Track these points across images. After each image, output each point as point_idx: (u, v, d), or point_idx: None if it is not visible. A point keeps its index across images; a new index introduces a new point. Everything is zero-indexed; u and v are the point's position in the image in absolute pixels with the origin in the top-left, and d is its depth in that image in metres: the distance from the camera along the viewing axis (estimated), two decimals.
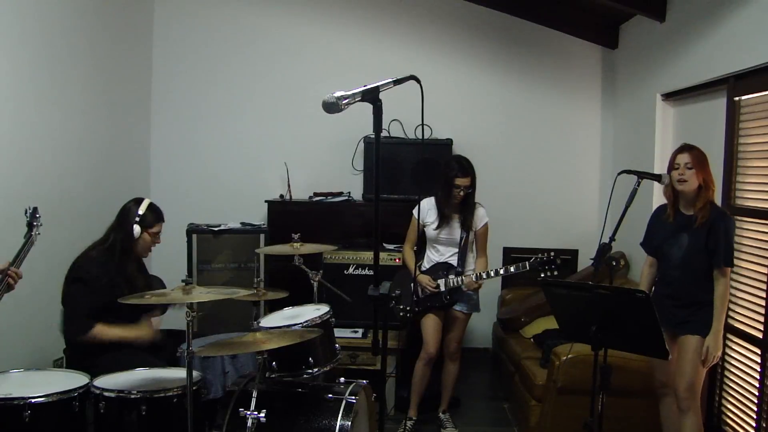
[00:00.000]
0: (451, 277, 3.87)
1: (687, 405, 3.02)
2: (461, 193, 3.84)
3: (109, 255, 3.28)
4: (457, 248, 3.92)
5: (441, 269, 3.93)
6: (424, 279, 3.90)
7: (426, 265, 4.02)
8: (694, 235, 3.04)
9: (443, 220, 3.92)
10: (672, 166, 3.10)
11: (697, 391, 3.05)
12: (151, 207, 3.40)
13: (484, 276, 3.77)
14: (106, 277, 3.23)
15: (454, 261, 3.92)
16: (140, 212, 3.32)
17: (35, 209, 2.76)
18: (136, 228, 3.31)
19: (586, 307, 2.71)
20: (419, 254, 4.08)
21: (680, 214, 3.14)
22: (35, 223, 2.75)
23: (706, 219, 3.00)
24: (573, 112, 5.68)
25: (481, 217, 3.97)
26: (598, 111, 5.67)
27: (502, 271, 3.75)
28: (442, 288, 3.87)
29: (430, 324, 3.92)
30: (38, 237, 2.81)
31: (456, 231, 3.92)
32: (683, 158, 3.05)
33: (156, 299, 2.81)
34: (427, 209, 3.96)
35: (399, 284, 3.98)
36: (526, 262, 3.71)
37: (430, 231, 3.95)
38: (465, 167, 3.86)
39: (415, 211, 3.98)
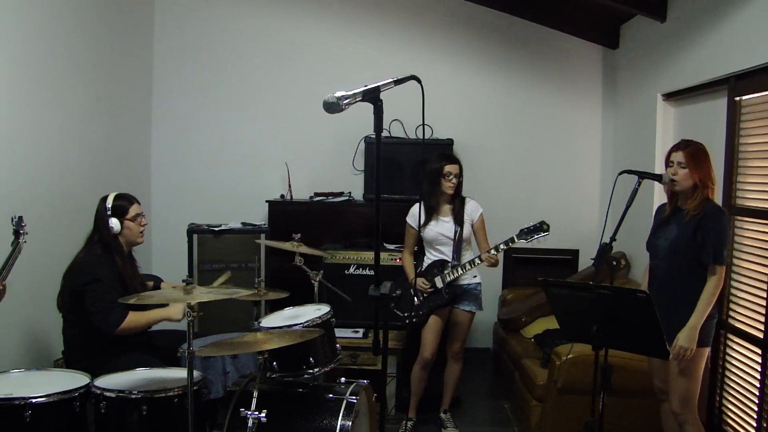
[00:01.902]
0: (446, 271, 3.87)
1: (683, 419, 2.98)
2: (453, 180, 3.85)
3: (102, 252, 3.29)
4: (453, 244, 3.92)
5: (435, 267, 3.92)
6: (418, 282, 3.90)
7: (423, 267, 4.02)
8: (682, 226, 2.98)
9: (434, 215, 3.91)
10: (666, 162, 3.08)
11: (693, 402, 2.98)
12: (118, 196, 3.40)
13: (502, 246, 3.71)
14: (114, 271, 3.27)
15: (449, 257, 3.92)
16: (109, 205, 3.33)
17: (21, 218, 2.76)
18: (113, 221, 3.32)
19: (587, 307, 2.71)
20: (419, 258, 4.08)
21: (676, 208, 3.10)
22: (21, 231, 2.75)
23: (696, 212, 2.93)
24: (573, 112, 5.68)
25: (474, 208, 3.96)
26: (599, 111, 5.67)
27: (502, 246, 3.71)
28: (439, 284, 3.87)
29: (430, 328, 3.91)
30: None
31: (450, 227, 3.91)
32: (677, 156, 2.99)
33: (156, 299, 2.81)
34: (418, 214, 3.95)
35: (401, 289, 3.98)
36: (513, 236, 3.70)
37: (426, 233, 3.94)
38: (450, 156, 3.92)
39: (408, 219, 4.01)
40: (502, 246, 3.73)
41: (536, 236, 3.68)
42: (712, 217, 2.92)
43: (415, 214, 3.98)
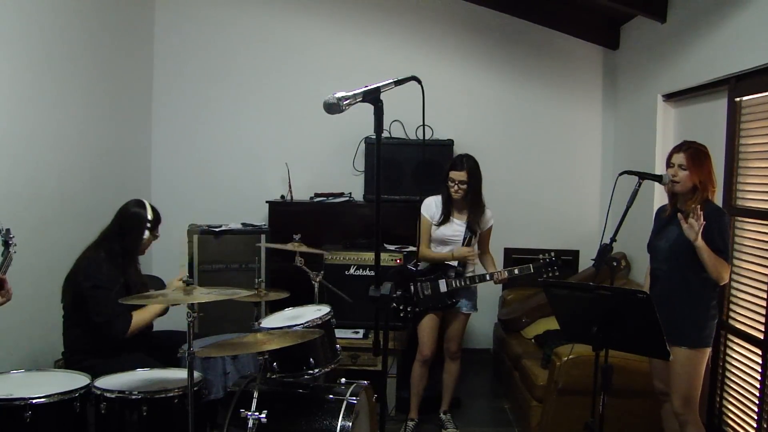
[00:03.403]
0: (452, 279, 3.85)
1: (684, 419, 2.99)
2: (456, 187, 3.83)
3: (113, 257, 3.29)
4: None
5: (440, 270, 3.92)
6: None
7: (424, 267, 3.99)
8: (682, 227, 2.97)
9: (446, 217, 3.91)
10: (668, 163, 3.07)
11: (694, 403, 2.99)
12: (154, 210, 3.43)
13: (517, 272, 3.78)
14: (118, 276, 3.27)
15: (454, 262, 3.92)
16: (149, 217, 3.36)
17: (8, 230, 2.75)
18: (146, 233, 3.37)
19: (587, 308, 2.71)
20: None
21: (677, 210, 3.08)
22: (11, 242, 2.74)
23: None
24: (574, 112, 5.68)
25: (488, 219, 3.97)
26: (599, 111, 5.67)
27: (516, 271, 3.78)
28: (444, 288, 3.86)
29: (427, 326, 3.91)
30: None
31: (460, 231, 3.91)
32: (678, 158, 2.99)
33: (156, 299, 2.81)
34: (435, 207, 3.94)
35: (398, 282, 3.95)
36: (530, 265, 3.75)
37: (436, 232, 3.93)
38: (460, 161, 3.86)
39: (424, 211, 3.93)
40: (516, 272, 3.77)
41: (551, 272, 3.72)
42: (714, 218, 2.91)
43: (429, 205, 3.94)
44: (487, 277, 3.82)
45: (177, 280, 3.29)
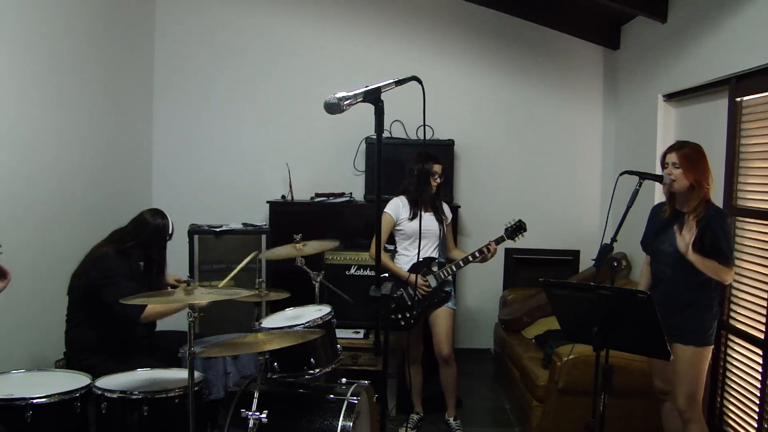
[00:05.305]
0: (435, 269, 3.86)
1: (688, 417, 2.99)
2: (438, 180, 3.89)
3: (123, 256, 3.30)
4: (437, 240, 3.92)
5: (423, 266, 3.89)
6: (420, 281, 3.84)
7: (403, 265, 3.95)
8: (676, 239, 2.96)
9: (417, 212, 3.88)
10: (662, 164, 3.08)
11: (698, 400, 3.00)
12: (170, 219, 3.51)
13: (494, 244, 3.87)
14: (128, 271, 3.30)
15: (435, 254, 3.92)
16: (171, 230, 3.46)
17: None
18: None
19: (588, 308, 2.71)
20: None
21: (676, 211, 3.09)
22: None
23: (700, 217, 2.92)
24: (574, 112, 5.68)
25: (448, 210, 4.07)
26: (600, 112, 5.67)
27: (494, 243, 3.88)
28: (434, 283, 3.86)
29: (412, 331, 3.93)
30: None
31: (434, 223, 3.92)
32: (671, 157, 3.00)
33: (157, 299, 2.81)
34: (402, 206, 3.93)
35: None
36: (503, 234, 3.92)
37: (409, 226, 3.89)
38: (436, 155, 3.96)
39: (390, 210, 3.90)
40: (493, 243, 3.87)
41: (519, 235, 3.95)
42: (719, 223, 2.92)
43: (396, 204, 3.93)
44: (474, 255, 3.82)
45: None
